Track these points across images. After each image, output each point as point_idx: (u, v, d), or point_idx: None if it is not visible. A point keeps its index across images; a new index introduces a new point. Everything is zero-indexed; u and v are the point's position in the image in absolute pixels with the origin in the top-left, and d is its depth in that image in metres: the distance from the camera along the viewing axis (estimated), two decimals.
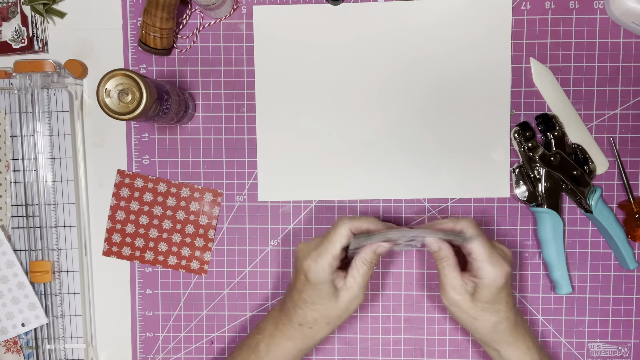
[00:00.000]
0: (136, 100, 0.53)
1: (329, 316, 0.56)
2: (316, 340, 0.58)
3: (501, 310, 0.56)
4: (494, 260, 0.55)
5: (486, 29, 0.64)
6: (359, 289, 0.56)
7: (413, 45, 0.65)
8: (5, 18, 0.64)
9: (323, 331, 0.57)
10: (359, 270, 0.56)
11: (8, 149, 0.66)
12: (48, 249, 0.66)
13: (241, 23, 0.66)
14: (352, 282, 0.56)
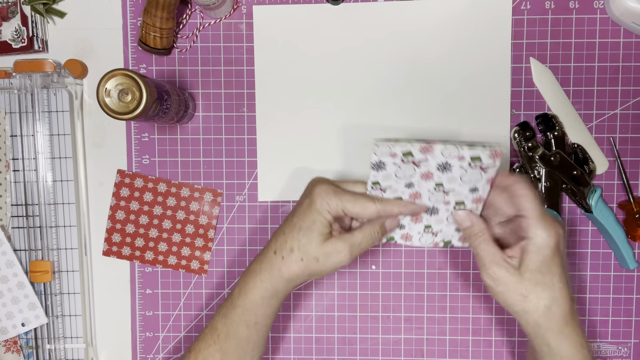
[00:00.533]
0: (136, 100, 0.53)
1: (306, 252, 0.53)
2: (283, 275, 0.53)
3: (555, 285, 0.50)
4: (546, 217, 0.49)
5: (486, 29, 0.64)
6: (350, 247, 0.53)
7: (413, 45, 0.65)
8: (5, 18, 0.64)
9: (293, 266, 0.53)
10: (363, 233, 0.53)
11: (8, 148, 0.66)
12: (48, 248, 0.66)
13: (241, 23, 0.66)
14: (349, 237, 0.53)
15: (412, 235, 0.56)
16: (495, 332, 0.67)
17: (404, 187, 0.53)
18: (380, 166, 0.52)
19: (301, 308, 0.68)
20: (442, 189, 0.52)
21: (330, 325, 0.68)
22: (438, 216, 0.54)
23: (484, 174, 0.51)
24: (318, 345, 0.68)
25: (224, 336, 0.56)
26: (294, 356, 0.68)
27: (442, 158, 0.50)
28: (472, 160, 0.50)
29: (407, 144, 0.50)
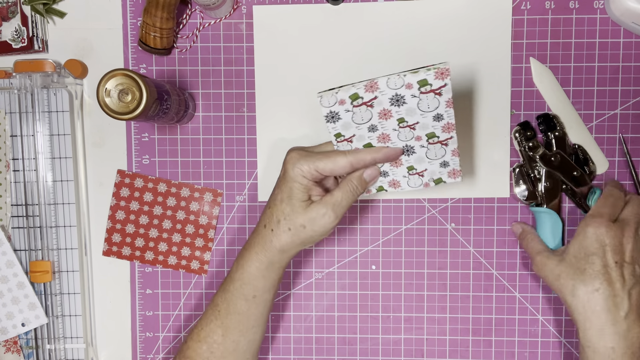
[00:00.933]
0: (136, 100, 0.53)
1: (292, 222, 0.54)
2: (275, 246, 0.55)
3: (587, 271, 0.55)
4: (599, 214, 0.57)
5: (486, 29, 0.64)
6: (332, 207, 0.53)
7: (413, 45, 0.65)
8: (5, 18, 0.64)
9: (283, 237, 0.54)
10: (341, 190, 0.54)
11: (8, 148, 0.66)
12: (48, 249, 0.66)
13: (241, 23, 0.66)
14: (329, 198, 0.53)
15: (399, 181, 0.56)
16: (495, 332, 0.67)
17: (368, 132, 0.52)
18: (335, 117, 0.51)
19: (301, 308, 0.68)
20: (407, 124, 0.52)
21: (330, 325, 0.68)
22: (417, 155, 0.54)
23: (440, 98, 0.49)
24: (318, 345, 0.68)
25: (224, 312, 0.57)
26: (294, 356, 0.68)
27: (391, 91, 0.49)
28: (421, 85, 0.48)
29: (350, 87, 0.49)
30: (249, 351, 0.58)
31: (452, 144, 0.53)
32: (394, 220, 0.66)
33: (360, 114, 0.51)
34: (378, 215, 0.67)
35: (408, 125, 0.52)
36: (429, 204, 0.66)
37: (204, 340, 0.58)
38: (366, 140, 0.53)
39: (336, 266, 0.67)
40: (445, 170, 0.55)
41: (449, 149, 0.54)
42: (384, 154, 0.53)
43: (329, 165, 0.52)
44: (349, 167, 0.53)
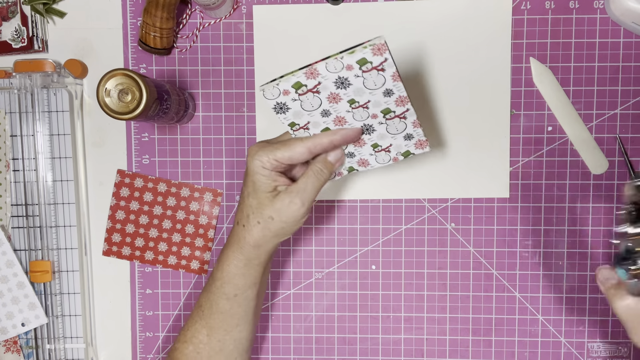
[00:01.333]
0: (136, 100, 0.53)
1: (260, 214, 0.53)
2: (248, 242, 0.54)
3: None
4: None
5: (486, 29, 0.64)
6: (297, 194, 0.52)
7: (413, 45, 0.65)
8: (5, 18, 0.64)
9: (253, 231, 0.53)
10: (306, 176, 0.53)
11: (8, 148, 0.66)
12: (48, 248, 0.66)
13: (241, 23, 0.66)
14: (294, 186, 0.53)
15: (367, 159, 0.55)
16: (495, 332, 0.67)
17: (322, 117, 0.51)
18: (283, 107, 0.51)
19: (301, 308, 0.68)
20: (359, 104, 0.50)
21: (330, 325, 0.68)
22: (378, 132, 0.53)
23: (384, 73, 0.48)
24: (318, 345, 0.68)
25: (207, 311, 0.57)
26: (294, 356, 0.68)
27: (332, 75, 0.48)
28: (361, 65, 0.47)
29: (290, 77, 0.48)
30: (236, 350, 0.58)
31: (410, 116, 0.51)
32: (394, 220, 0.66)
33: (309, 101, 0.50)
34: (378, 215, 0.67)
35: (360, 105, 0.50)
36: (429, 204, 0.66)
37: (190, 341, 0.58)
38: (322, 125, 0.52)
39: (336, 266, 0.67)
40: (410, 142, 0.54)
41: (408, 122, 0.52)
42: (342, 135, 0.52)
43: (287, 153, 0.52)
44: (307, 153, 0.52)
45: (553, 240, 0.66)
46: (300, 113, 0.51)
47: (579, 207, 0.65)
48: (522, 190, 0.66)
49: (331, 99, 0.50)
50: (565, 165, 0.65)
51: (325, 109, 0.51)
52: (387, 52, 0.46)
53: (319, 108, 0.51)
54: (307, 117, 0.52)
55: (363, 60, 0.47)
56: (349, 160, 0.56)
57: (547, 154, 0.65)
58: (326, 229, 0.67)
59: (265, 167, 0.52)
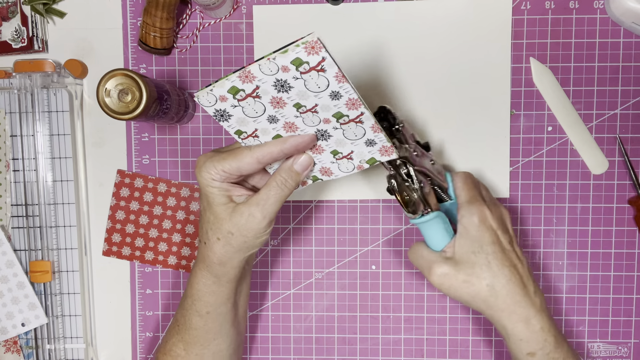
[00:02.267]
0: (136, 100, 0.53)
1: (219, 229, 0.50)
2: (212, 260, 0.51)
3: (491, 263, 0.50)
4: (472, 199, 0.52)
5: (486, 29, 0.64)
6: (256, 206, 0.49)
7: (413, 45, 0.65)
8: (5, 18, 0.64)
9: (215, 248, 0.50)
10: (268, 187, 0.49)
11: (8, 148, 0.66)
12: (48, 249, 0.66)
13: (241, 23, 0.66)
14: (255, 197, 0.49)
15: (329, 168, 0.52)
16: (495, 332, 0.67)
17: (269, 123, 0.48)
18: (224, 115, 0.47)
19: (301, 308, 0.68)
20: (307, 108, 0.46)
21: (330, 325, 0.68)
22: (334, 138, 0.49)
23: (325, 74, 0.43)
24: (318, 345, 0.68)
25: (182, 327, 0.56)
26: (294, 356, 0.68)
27: (269, 77, 0.44)
28: (297, 65, 0.43)
29: (224, 81, 0.45)
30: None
31: (366, 120, 0.47)
32: (394, 220, 0.66)
33: (250, 106, 0.46)
34: (378, 215, 0.67)
35: (308, 110, 0.46)
36: None
37: (169, 354, 0.57)
38: (272, 132, 0.48)
39: (336, 266, 0.67)
40: (374, 148, 0.50)
41: (366, 126, 0.47)
42: (291, 143, 0.48)
43: (234, 164, 0.48)
44: (255, 163, 0.48)
45: (553, 240, 0.66)
46: (244, 120, 0.48)
47: (579, 207, 0.65)
48: (522, 190, 0.66)
49: (275, 104, 0.46)
50: (565, 165, 0.65)
51: (271, 114, 0.47)
52: (323, 50, 0.41)
53: (264, 114, 0.47)
54: (253, 124, 0.48)
55: (297, 60, 0.42)
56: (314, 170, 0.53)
57: (547, 154, 0.65)
58: (326, 229, 0.67)
59: (214, 179, 0.49)
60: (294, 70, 0.43)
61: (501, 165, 0.65)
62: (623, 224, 0.65)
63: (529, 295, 0.51)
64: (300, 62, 0.42)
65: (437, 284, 0.52)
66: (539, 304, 0.52)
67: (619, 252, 0.65)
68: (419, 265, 0.54)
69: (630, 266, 0.66)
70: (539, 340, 0.51)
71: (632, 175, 0.64)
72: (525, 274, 0.52)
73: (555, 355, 0.52)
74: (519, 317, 0.51)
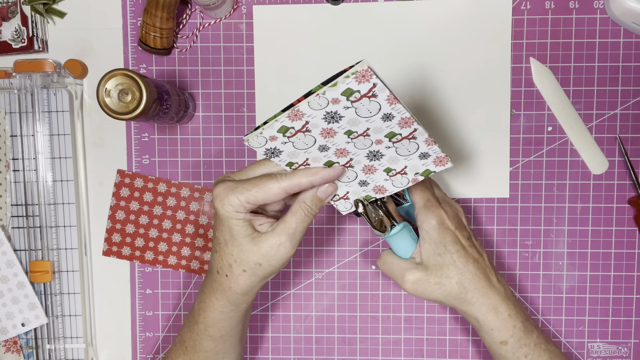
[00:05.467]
0: (136, 100, 0.53)
1: (245, 261, 0.48)
2: (236, 293, 0.50)
3: (456, 261, 0.52)
4: (428, 203, 0.52)
5: (486, 29, 0.64)
6: (287, 235, 0.48)
7: (413, 45, 0.65)
8: (5, 18, 0.64)
9: (240, 280, 0.49)
10: (294, 214, 0.48)
11: (8, 148, 0.66)
12: (48, 248, 0.66)
13: (241, 23, 0.66)
14: (282, 226, 0.48)
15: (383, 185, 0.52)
16: None
17: (320, 152, 0.47)
18: (274, 152, 0.47)
19: (301, 308, 0.68)
20: (358, 134, 0.46)
21: (330, 325, 0.68)
22: (387, 156, 0.49)
23: (376, 99, 0.43)
24: (318, 345, 0.68)
25: (191, 348, 0.55)
26: (294, 356, 0.68)
27: (318, 111, 0.43)
28: (347, 96, 0.42)
29: (273, 122, 0.44)
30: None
31: (420, 135, 0.46)
32: None
33: (300, 140, 0.46)
34: None
35: (360, 135, 0.46)
36: None
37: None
38: (323, 159, 0.48)
39: (336, 266, 0.67)
40: (428, 160, 0.49)
41: (420, 141, 0.47)
42: (322, 177, 0.48)
43: (260, 195, 0.47)
44: (283, 194, 0.47)
45: (553, 240, 0.66)
46: (295, 153, 0.47)
47: (579, 207, 0.65)
48: (522, 190, 0.66)
49: (325, 134, 0.46)
50: (565, 165, 0.65)
51: (322, 144, 0.47)
52: (374, 76, 0.41)
53: (315, 145, 0.47)
54: (304, 154, 0.48)
55: (348, 91, 0.42)
56: (364, 189, 0.52)
57: (547, 154, 0.65)
58: (326, 229, 0.67)
59: (238, 211, 0.47)
60: (344, 101, 0.43)
61: (501, 165, 0.65)
62: (623, 224, 0.65)
63: (493, 285, 0.53)
64: (350, 92, 0.42)
65: (411, 290, 0.53)
66: (504, 292, 0.54)
67: (619, 252, 0.65)
68: (391, 274, 0.54)
69: (630, 266, 0.66)
70: (509, 327, 0.53)
71: (632, 175, 0.64)
72: (488, 265, 0.54)
73: (527, 341, 0.53)
74: (488, 308, 0.53)
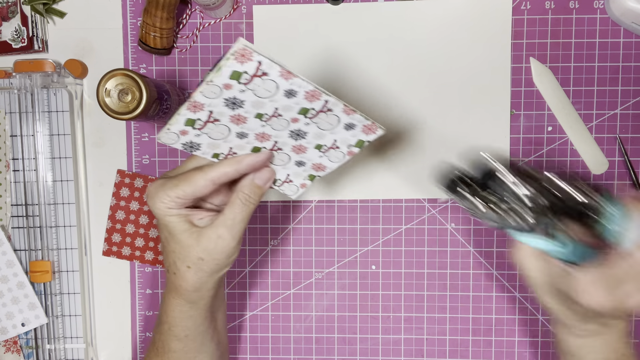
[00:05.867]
0: (136, 100, 0.53)
1: (187, 257, 0.47)
2: (187, 290, 0.49)
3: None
4: None
5: (486, 29, 0.64)
6: (225, 227, 0.47)
7: (413, 45, 0.65)
8: (5, 18, 0.64)
9: (187, 277, 0.48)
10: (232, 205, 0.47)
11: (8, 148, 0.66)
12: (48, 248, 0.66)
13: (241, 23, 0.66)
14: (221, 218, 0.47)
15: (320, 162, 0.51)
16: (495, 332, 0.67)
17: (241, 139, 0.47)
18: (193, 146, 0.47)
19: (301, 308, 0.68)
20: (270, 115, 0.45)
21: (330, 325, 0.68)
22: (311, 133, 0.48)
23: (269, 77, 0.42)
24: (318, 345, 0.68)
25: (161, 350, 0.55)
26: (294, 356, 0.68)
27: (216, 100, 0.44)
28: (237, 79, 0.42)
29: (176, 117, 0.44)
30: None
31: (334, 106, 0.45)
32: (394, 220, 0.66)
33: (213, 131, 0.46)
34: (378, 215, 0.67)
35: (272, 116, 0.45)
36: (429, 204, 0.66)
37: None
38: (248, 147, 0.48)
39: (336, 266, 0.67)
40: (356, 131, 0.47)
41: (338, 112, 0.46)
42: (248, 163, 0.47)
43: (189, 189, 0.46)
44: (210, 185, 0.47)
45: None
46: (215, 144, 0.47)
47: None
48: None
49: (236, 121, 0.46)
50: (565, 165, 0.65)
51: (238, 131, 0.46)
52: (255, 54, 0.40)
53: (231, 133, 0.46)
54: (224, 144, 0.47)
55: (236, 73, 0.41)
56: (303, 169, 0.51)
57: (547, 154, 0.65)
58: (326, 229, 0.67)
59: (170, 208, 0.47)
60: (236, 84, 0.42)
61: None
62: None
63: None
64: (238, 74, 0.41)
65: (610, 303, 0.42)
66: None
67: None
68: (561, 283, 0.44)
69: None
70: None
71: (632, 175, 0.64)
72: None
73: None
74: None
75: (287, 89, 0.43)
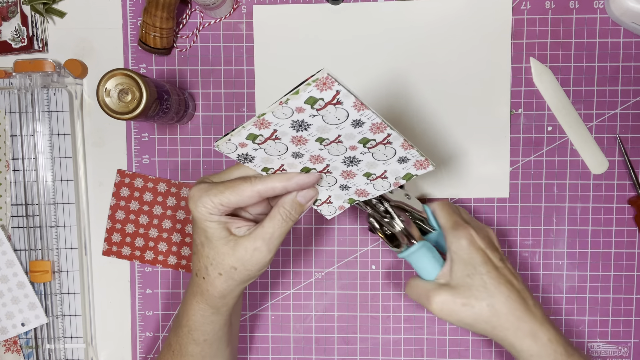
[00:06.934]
0: (136, 99, 0.53)
1: (221, 264, 0.48)
2: (214, 296, 0.50)
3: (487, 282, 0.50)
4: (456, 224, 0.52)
5: (486, 28, 0.64)
6: (262, 240, 0.47)
7: (413, 45, 0.65)
8: (5, 18, 0.64)
9: (216, 283, 0.49)
10: (272, 219, 0.48)
11: (8, 148, 0.66)
12: (48, 248, 0.66)
13: (241, 23, 0.66)
14: (259, 231, 0.47)
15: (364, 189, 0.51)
16: None
17: (295, 159, 0.47)
18: (247, 158, 0.47)
19: (301, 308, 0.68)
20: (330, 141, 0.46)
21: (330, 325, 0.68)
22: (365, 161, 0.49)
23: (342, 106, 0.43)
24: (318, 345, 0.68)
25: (177, 352, 0.55)
26: (294, 356, 0.68)
27: (284, 120, 0.44)
28: (312, 104, 0.42)
29: (240, 130, 0.45)
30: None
31: (395, 140, 0.46)
32: None
33: (272, 147, 0.46)
34: None
35: (332, 141, 0.46)
36: None
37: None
38: (299, 166, 0.48)
39: (336, 266, 0.67)
40: (408, 164, 0.49)
41: (396, 146, 0.47)
42: (297, 182, 0.47)
43: (234, 198, 0.46)
44: (257, 197, 0.47)
45: (553, 240, 0.66)
46: (269, 159, 0.47)
47: (579, 207, 0.65)
48: (522, 190, 0.66)
49: (296, 142, 0.46)
50: (565, 165, 0.65)
51: (295, 151, 0.47)
52: (336, 83, 0.41)
53: (287, 152, 0.47)
54: (278, 160, 0.48)
55: (312, 99, 0.42)
56: (345, 192, 0.52)
57: (547, 154, 0.65)
58: (326, 229, 0.67)
59: (212, 214, 0.47)
60: (309, 109, 0.43)
61: (501, 165, 0.65)
62: (623, 224, 0.65)
63: (529, 309, 0.51)
64: (314, 100, 0.42)
65: (437, 311, 0.51)
66: (541, 316, 0.52)
67: (619, 252, 0.65)
68: (417, 298, 0.53)
69: (630, 266, 0.66)
70: (550, 353, 0.50)
71: (632, 175, 0.64)
72: (522, 288, 0.52)
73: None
74: (525, 333, 0.50)
75: (356, 119, 0.44)
